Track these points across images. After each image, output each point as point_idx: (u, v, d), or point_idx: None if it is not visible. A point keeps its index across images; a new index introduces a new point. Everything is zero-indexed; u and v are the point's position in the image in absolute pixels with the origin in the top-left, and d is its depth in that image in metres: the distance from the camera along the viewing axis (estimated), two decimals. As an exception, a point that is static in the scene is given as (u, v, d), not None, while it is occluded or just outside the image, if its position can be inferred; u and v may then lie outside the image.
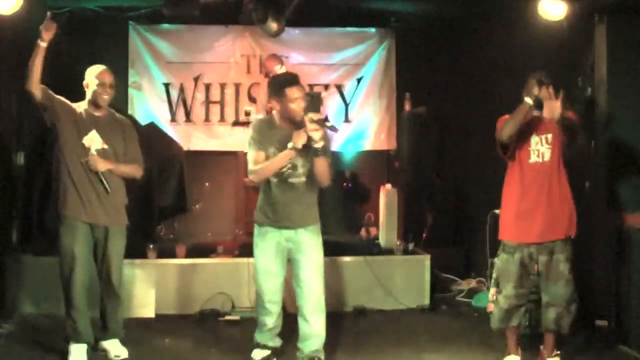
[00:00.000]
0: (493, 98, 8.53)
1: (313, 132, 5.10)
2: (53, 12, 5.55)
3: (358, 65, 9.95)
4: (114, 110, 5.93)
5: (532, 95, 5.31)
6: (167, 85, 9.74)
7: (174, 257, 7.45)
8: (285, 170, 5.36)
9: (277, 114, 5.42)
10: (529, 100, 5.31)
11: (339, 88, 9.98)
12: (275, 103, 5.35)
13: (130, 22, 9.56)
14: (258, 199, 5.64)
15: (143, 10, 9.30)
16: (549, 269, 5.44)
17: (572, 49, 6.93)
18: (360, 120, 10.01)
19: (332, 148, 5.85)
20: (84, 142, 5.60)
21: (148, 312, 7.16)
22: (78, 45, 9.04)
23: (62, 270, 5.66)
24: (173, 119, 9.75)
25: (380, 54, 10.01)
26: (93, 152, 5.58)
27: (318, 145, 5.15)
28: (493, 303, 5.76)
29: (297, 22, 9.10)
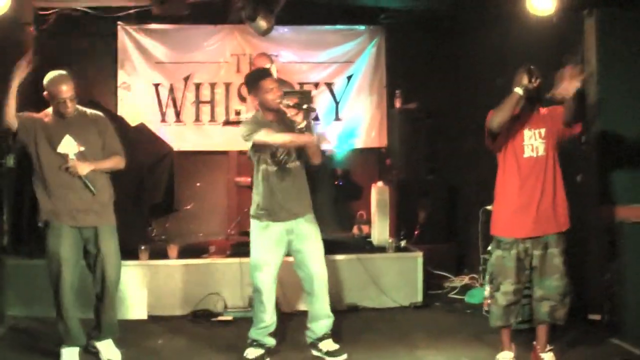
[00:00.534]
0: (484, 93, 8.51)
1: (294, 116, 5.65)
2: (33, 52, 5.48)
3: (348, 63, 9.95)
4: (83, 107, 5.79)
5: (522, 86, 5.29)
6: (156, 86, 9.72)
7: (166, 257, 7.42)
8: (282, 157, 5.65)
9: (261, 109, 5.73)
10: (519, 90, 5.30)
11: (329, 86, 9.97)
12: (253, 98, 5.72)
13: (119, 22, 9.53)
14: (254, 194, 5.78)
15: (132, 10, 9.27)
16: (544, 263, 5.43)
17: (562, 43, 6.92)
18: (351, 118, 10.00)
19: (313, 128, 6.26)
20: (60, 150, 5.54)
21: (141, 313, 7.12)
22: (67, 47, 9.01)
23: (50, 274, 5.62)
24: (163, 120, 9.73)
25: (370, 51, 10.01)
26: (72, 157, 5.53)
27: (301, 126, 5.57)
28: (490, 300, 5.72)
29: (286, 20, 9.08)
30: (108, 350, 5.81)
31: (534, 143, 5.44)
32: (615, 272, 6.35)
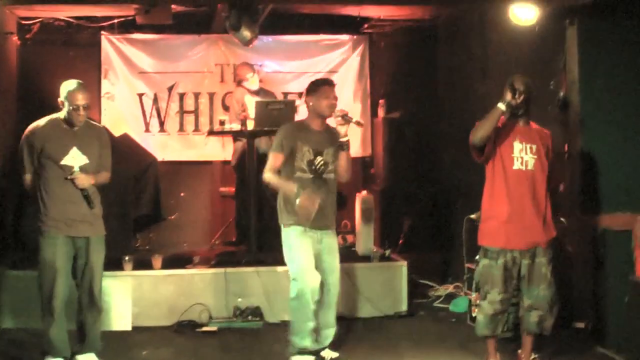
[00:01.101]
0: (467, 102, 8.57)
1: (340, 126, 5.68)
2: None
3: (332, 72, 9.94)
4: (87, 118, 5.83)
5: (504, 101, 5.32)
6: (140, 95, 9.69)
7: (150, 268, 7.38)
8: (320, 167, 5.71)
9: (310, 114, 5.86)
10: (502, 106, 5.32)
11: (314, 95, 9.96)
12: (310, 99, 5.80)
13: (103, 31, 9.51)
14: (282, 201, 5.87)
15: (116, 20, 9.26)
16: (531, 273, 5.46)
17: (544, 52, 6.97)
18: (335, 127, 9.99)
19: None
20: (66, 162, 5.56)
21: (124, 324, 7.08)
22: (50, 56, 9.00)
23: (42, 284, 5.60)
24: (147, 129, 9.71)
25: (354, 61, 10.02)
26: (76, 169, 5.55)
27: (344, 139, 5.70)
28: (477, 308, 5.72)
29: (270, 30, 9.10)
30: (92, 363, 5.80)
31: (525, 157, 5.46)
32: (599, 280, 6.38)
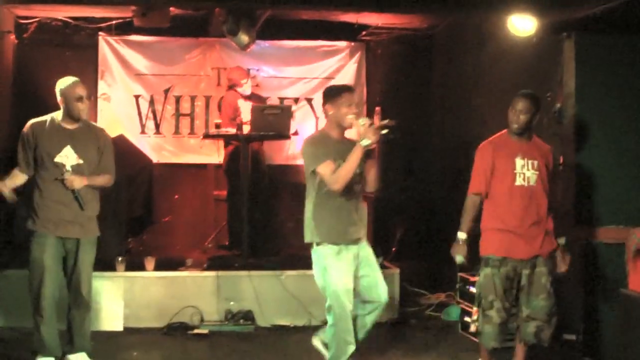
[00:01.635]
0: (462, 112, 8.60)
1: (362, 134, 5.18)
2: None
3: (328, 79, 9.95)
4: (87, 120, 5.87)
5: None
6: (137, 97, 9.69)
7: (143, 269, 7.39)
8: (352, 177, 5.30)
9: (329, 123, 5.49)
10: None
11: (309, 101, 9.99)
12: (329, 107, 5.41)
13: (100, 32, 9.51)
14: (312, 219, 5.41)
15: (113, 22, 9.27)
16: (531, 283, 5.50)
17: (541, 64, 6.99)
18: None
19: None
20: (58, 160, 5.56)
21: (116, 325, 7.09)
22: (47, 56, 9.00)
23: (31, 282, 5.61)
24: (143, 131, 9.70)
25: (351, 68, 10.04)
26: (68, 168, 5.55)
27: (367, 143, 5.17)
28: (475, 323, 5.67)
29: (268, 35, 9.13)
30: (82, 363, 5.80)
31: (527, 173, 5.51)
32: (591, 292, 6.40)
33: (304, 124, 9.94)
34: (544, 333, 5.52)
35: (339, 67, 10.04)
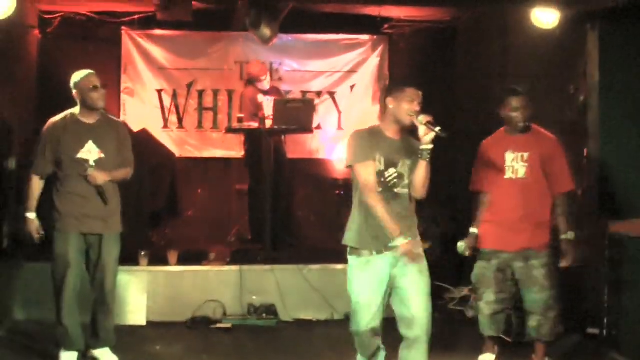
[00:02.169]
0: (485, 105, 8.53)
1: (423, 136, 4.75)
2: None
3: (351, 72, 9.95)
4: (106, 113, 5.85)
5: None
6: (159, 91, 9.73)
7: (166, 263, 7.41)
8: (391, 179, 4.80)
9: (386, 118, 4.92)
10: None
11: (332, 95, 9.98)
12: (390, 101, 4.87)
13: (123, 27, 9.54)
14: (350, 221, 4.91)
15: (136, 16, 9.29)
16: (524, 276, 5.56)
17: (565, 56, 6.95)
18: (354, 128, 9.96)
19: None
20: (81, 156, 5.55)
21: (139, 319, 7.11)
22: (71, 51, 9.04)
23: (54, 276, 5.62)
24: (165, 125, 9.74)
25: (373, 61, 10.02)
26: (92, 164, 5.54)
27: (427, 147, 4.78)
28: (472, 309, 5.91)
29: (290, 28, 9.09)
30: (106, 356, 5.79)
31: (515, 165, 5.61)
32: (615, 286, 6.35)
33: (327, 118, 9.94)
34: (543, 328, 5.54)
35: (362, 60, 10.02)
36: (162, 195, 8.35)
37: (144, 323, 7.10)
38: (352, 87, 10.01)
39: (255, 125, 8.05)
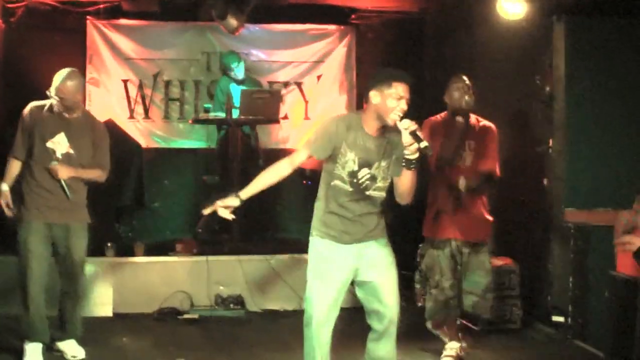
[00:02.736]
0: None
1: (408, 144, 4.24)
2: None
3: (318, 63, 9.93)
4: (89, 112, 5.80)
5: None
6: (125, 82, 9.64)
7: (133, 255, 7.39)
8: (363, 181, 4.49)
9: (367, 111, 4.49)
10: (461, 119, 5.88)
11: (299, 85, 9.96)
12: (374, 94, 4.43)
13: (89, 16, 9.44)
14: (316, 207, 4.68)
15: (102, 6, 9.20)
16: (470, 260, 5.78)
17: (531, 48, 6.99)
18: (320, 118, 9.98)
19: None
20: (49, 145, 5.51)
21: (106, 310, 7.08)
22: (35, 40, 8.94)
23: (19, 266, 5.59)
24: (132, 116, 9.65)
25: (341, 51, 9.99)
26: (58, 156, 5.50)
27: (413, 157, 4.29)
28: (426, 296, 5.94)
29: (257, 19, 9.06)
30: (72, 348, 5.77)
31: (463, 153, 5.74)
32: (579, 274, 6.42)
33: (294, 108, 9.91)
34: (480, 305, 5.85)
35: (329, 50, 9.99)
36: (128, 187, 8.28)
37: (111, 315, 7.08)
38: (319, 77, 9.99)
39: (222, 116, 8.03)
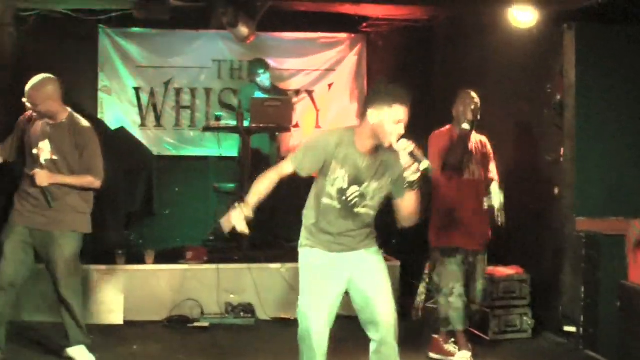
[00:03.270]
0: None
1: (407, 166, 4.23)
2: None
3: (329, 71, 9.94)
4: (78, 115, 5.70)
5: (468, 121, 5.89)
6: (137, 90, 9.67)
7: (143, 262, 7.39)
8: (352, 199, 4.43)
9: (363, 129, 4.42)
10: (466, 126, 5.88)
11: (310, 94, 9.97)
12: (372, 114, 4.37)
13: (100, 25, 9.48)
14: (304, 216, 4.68)
15: (114, 14, 9.22)
16: (474, 268, 5.97)
17: (541, 55, 6.98)
18: (332, 126, 9.98)
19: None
20: (34, 152, 5.52)
21: (116, 318, 7.08)
22: (47, 48, 8.97)
23: None
24: (143, 124, 9.69)
25: (351, 60, 10.00)
26: (42, 162, 5.48)
27: (414, 178, 4.24)
28: (443, 306, 5.97)
29: (268, 27, 9.07)
30: (81, 355, 5.76)
31: (471, 166, 5.88)
32: (591, 284, 6.39)
33: (305, 117, 9.92)
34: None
35: (340, 58, 10.00)
36: (139, 194, 8.31)
37: (121, 322, 7.08)
38: (330, 85, 10.00)
39: (234, 124, 8.04)
